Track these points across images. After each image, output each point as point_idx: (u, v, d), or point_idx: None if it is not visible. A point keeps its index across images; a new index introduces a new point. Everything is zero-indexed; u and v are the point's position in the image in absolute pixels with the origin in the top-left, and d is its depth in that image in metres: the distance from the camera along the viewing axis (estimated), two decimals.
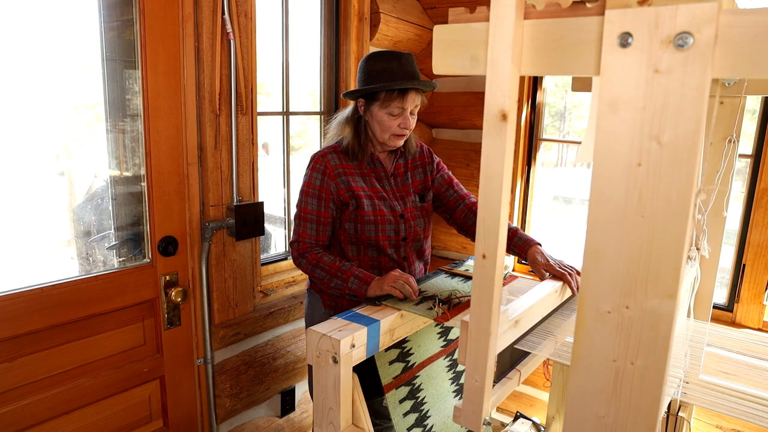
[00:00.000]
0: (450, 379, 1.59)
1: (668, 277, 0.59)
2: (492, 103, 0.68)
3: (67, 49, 1.66)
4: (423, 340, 1.51)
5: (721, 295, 2.21)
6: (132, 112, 1.75)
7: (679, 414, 1.63)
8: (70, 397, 1.64)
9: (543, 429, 1.93)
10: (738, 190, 2.21)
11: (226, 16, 1.80)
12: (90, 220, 1.82)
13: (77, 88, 1.72)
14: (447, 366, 1.59)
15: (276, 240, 2.66)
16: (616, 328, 0.64)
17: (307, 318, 1.78)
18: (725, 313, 2.17)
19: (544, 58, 0.65)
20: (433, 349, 1.54)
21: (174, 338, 1.89)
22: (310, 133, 3.51)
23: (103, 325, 1.70)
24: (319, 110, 2.48)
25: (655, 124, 0.57)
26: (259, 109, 2.10)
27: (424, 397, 1.49)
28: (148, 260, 1.79)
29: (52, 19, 1.60)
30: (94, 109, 1.75)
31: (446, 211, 1.74)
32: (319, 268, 1.51)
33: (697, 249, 1.53)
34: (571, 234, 5.37)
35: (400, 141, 1.60)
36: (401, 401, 1.42)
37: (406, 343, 1.46)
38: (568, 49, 0.63)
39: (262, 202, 2.04)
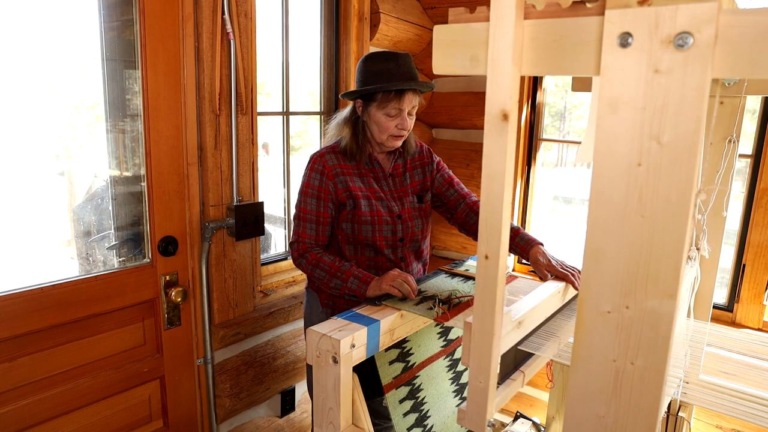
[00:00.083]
0: (450, 379, 1.59)
1: (668, 277, 0.59)
2: (493, 103, 0.68)
3: (67, 49, 1.66)
4: (423, 340, 1.51)
5: (721, 295, 2.21)
6: (132, 112, 1.75)
7: (679, 414, 1.63)
8: (70, 397, 1.64)
9: (543, 429, 1.93)
10: (738, 190, 2.21)
11: (226, 16, 1.80)
12: (90, 220, 1.82)
13: (77, 88, 1.72)
14: (447, 366, 1.59)
15: (276, 240, 2.66)
16: (616, 328, 0.64)
17: (306, 317, 1.79)
18: (725, 313, 2.17)
19: (544, 58, 0.65)
20: (433, 349, 1.54)
21: (174, 338, 1.89)
22: (310, 133, 3.51)
23: (103, 325, 1.70)
24: (319, 110, 2.48)
25: (655, 124, 0.57)
26: (259, 109, 2.10)
27: (424, 397, 1.49)
28: (148, 260, 1.79)
29: (52, 19, 1.60)
30: (94, 109, 1.75)
31: (447, 211, 1.74)
32: (319, 268, 1.51)
33: (697, 249, 1.53)
34: (571, 234, 5.37)
35: (398, 142, 1.60)
36: (401, 401, 1.42)
37: (406, 343, 1.46)
38: (568, 49, 0.63)
39: (262, 202, 2.04)
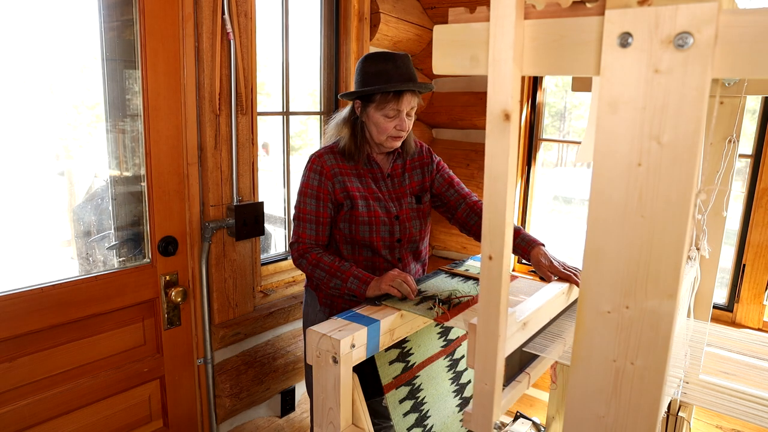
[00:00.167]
0: (450, 379, 1.59)
1: (668, 277, 0.59)
2: (494, 103, 0.68)
3: (67, 49, 1.66)
4: (423, 340, 1.51)
5: (721, 295, 2.21)
6: (132, 112, 1.75)
7: (679, 414, 1.63)
8: (70, 397, 1.64)
9: (543, 429, 1.93)
10: (738, 190, 2.21)
11: (226, 16, 1.80)
12: (90, 220, 1.82)
13: (77, 88, 1.72)
14: (447, 366, 1.59)
15: (276, 240, 2.66)
16: (616, 328, 0.64)
17: (304, 315, 1.80)
18: (725, 313, 2.17)
19: (544, 58, 0.65)
20: (433, 349, 1.54)
21: (174, 338, 1.89)
22: (310, 133, 3.51)
23: (103, 325, 1.70)
24: (319, 110, 2.48)
25: (655, 124, 0.57)
26: (259, 109, 2.10)
27: (424, 397, 1.49)
28: (148, 260, 1.79)
29: (52, 19, 1.60)
30: (94, 109, 1.75)
31: (448, 211, 1.74)
32: (319, 269, 1.51)
33: (697, 249, 1.53)
34: (571, 234, 5.37)
35: (397, 143, 1.60)
36: (401, 401, 1.42)
37: (406, 343, 1.46)
38: (568, 49, 0.63)
39: (262, 202, 2.04)
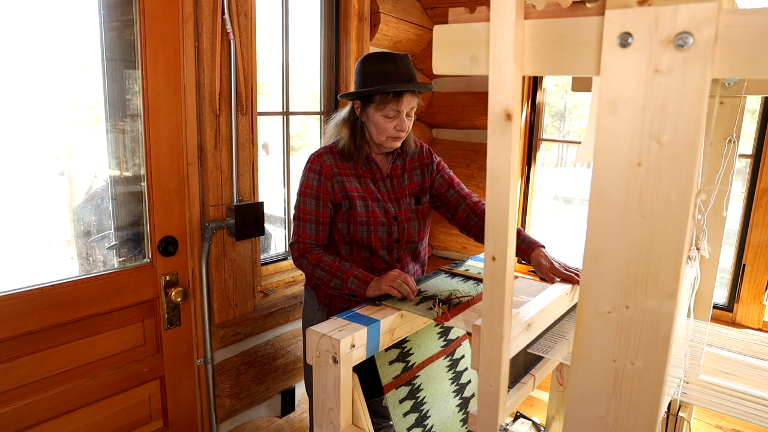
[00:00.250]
0: (450, 379, 1.59)
1: (668, 277, 0.59)
2: (496, 103, 0.68)
3: (67, 49, 1.66)
4: (423, 340, 1.51)
5: (721, 295, 2.21)
6: (132, 112, 1.75)
7: (679, 414, 1.63)
8: (70, 397, 1.64)
9: (543, 429, 1.93)
10: (738, 190, 2.21)
11: (226, 16, 1.80)
12: (90, 220, 1.82)
13: (77, 88, 1.72)
14: (447, 366, 1.59)
15: (276, 240, 2.66)
16: (616, 328, 0.64)
17: (303, 314, 1.81)
18: (725, 313, 2.17)
19: (545, 58, 0.65)
20: (433, 349, 1.54)
21: (174, 338, 1.89)
22: (310, 133, 3.51)
23: (103, 325, 1.70)
24: (319, 110, 2.48)
25: (655, 124, 0.57)
26: (259, 109, 2.11)
27: (424, 397, 1.49)
28: (148, 260, 1.79)
29: (52, 19, 1.60)
30: (94, 109, 1.75)
31: (448, 211, 1.74)
32: (320, 269, 1.51)
33: (697, 249, 1.53)
34: (571, 234, 5.37)
35: (397, 143, 1.60)
36: (401, 401, 1.42)
37: (406, 343, 1.46)
38: (568, 49, 0.63)
39: (262, 202, 2.04)
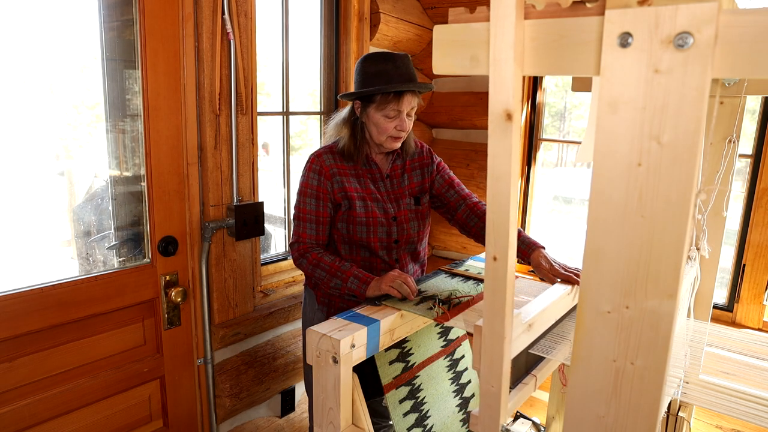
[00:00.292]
0: (450, 379, 1.59)
1: (668, 277, 0.59)
2: (496, 103, 0.68)
3: (67, 49, 1.66)
4: (423, 340, 1.51)
5: (721, 295, 2.21)
6: (132, 112, 1.75)
7: (679, 414, 1.63)
8: (70, 397, 1.64)
9: (543, 429, 1.93)
10: (738, 190, 2.21)
11: (226, 16, 1.80)
12: (90, 220, 1.82)
13: (77, 88, 1.72)
14: (447, 366, 1.59)
15: (276, 240, 2.66)
16: (616, 328, 0.64)
17: (303, 313, 1.81)
18: (725, 313, 2.17)
19: (544, 58, 0.65)
20: (433, 349, 1.54)
21: (174, 338, 1.89)
22: (310, 133, 3.51)
23: (103, 325, 1.70)
24: (319, 110, 2.48)
25: (655, 124, 0.57)
26: (259, 109, 2.10)
27: (424, 397, 1.49)
28: (148, 260, 1.79)
29: (52, 19, 1.60)
30: (94, 109, 1.75)
31: (448, 212, 1.74)
32: (320, 268, 1.51)
33: (697, 249, 1.53)
34: (571, 234, 5.37)
35: (397, 143, 1.60)
36: (401, 401, 1.42)
37: (406, 343, 1.46)
38: (568, 49, 0.63)
39: (262, 202, 2.04)
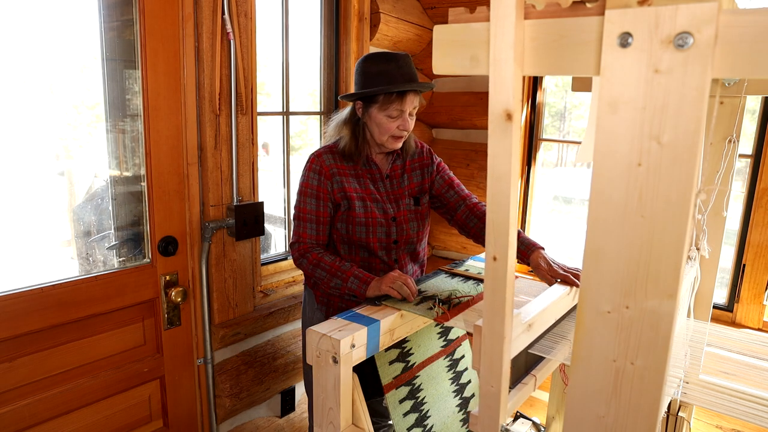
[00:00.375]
0: (450, 379, 1.59)
1: (668, 277, 0.59)
2: (496, 103, 0.68)
3: (67, 49, 1.66)
4: (423, 340, 1.51)
5: (721, 295, 2.21)
6: (132, 112, 1.75)
7: (679, 414, 1.63)
8: (70, 397, 1.64)
9: (543, 429, 1.93)
10: (738, 190, 2.21)
11: (226, 16, 1.80)
12: (90, 220, 1.82)
13: (77, 88, 1.72)
14: (447, 366, 1.59)
15: (276, 240, 2.66)
16: (616, 328, 0.64)
17: (302, 313, 1.81)
18: (725, 313, 2.17)
19: (544, 58, 0.65)
20: (433, 349, 1.54)
21: (174, 338, 1.89)
22: (310, 133, 3.51)
23: (103, 325, 1.70)
24: (319, 110, 2.48)
25: (655, 124, 0.57)
26: (259, 109, 2.10)
27: (424, 397, 1.49)
28: (148, 260, 1.79)
29: (52, 19, 1.60)
30: (94, 109, 1.75)
31: (447, 212, 1.74)
32: (320, 268, 1.51)
33: (697, 249, 1.53)
34: (571, 234, 5.37)
35: (399, 143, 1.60)
36: (401, 401, 1.42)
37: (406, 343, 1.46)
38: (568, 49, 0.63)
39: (262, 202, 2.04)
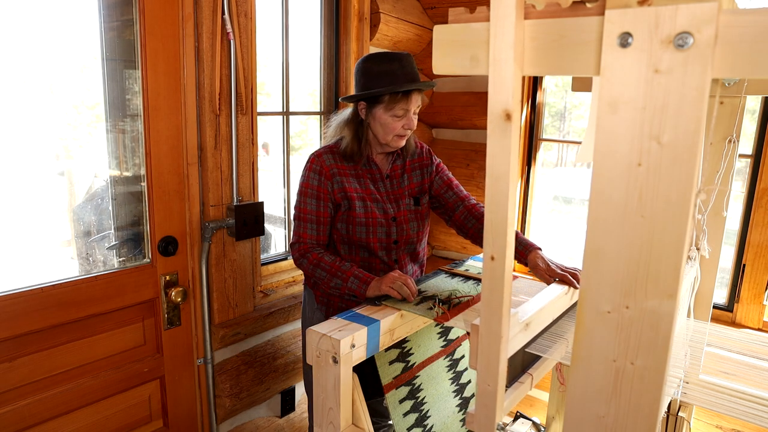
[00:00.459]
0: (450, 379, 1.59)
1: (668, 277, 0.59)
2: (495, 103, 0.68)
3: (67, 49, 1.66)
4: (423, 340, 1.51)
5: (721, 295, 2.21)
6: (132, 112, 1.75)
7: (679, 414, 1.63)
8: (70, 397, 1.64)
9: (543, 429, 1.93)
10: (738, 190, 2.21)
11: (226, 16, 1.80)
12: (90, 220, 1.82)
13: (77, 88, 1.72)
14: (447, 366, 1.59)
15: (276, 240, 2.66)
16: (616, 328, 0.64)
17: (302, 313, 1.81)
18: (725, 313, 2.17)
19: (544, 58, 0.65)
20: (433, 349, 1.54)
21: (174, 338, 1.89)
22: (310, 133, 3.51)
23: (103, 325, 1.70)
24: (319, 110, 2.48)
25: (655, 124, 0.57)
26: (259, 109, 2.10)
27: (424, 397, 1.49)
28: (148, 260, 1.79)
29: (52, 19, 1.60)
30: (94, 109, 1.75)
31: (446, 213, 1.74)
32: (320, 268, 1.51)
33: (697, 249, 1.53)
34: (571, 234, 5.37)
35: (402, 141, 1.61)
36: (401, 401, 1.42)
37: (406, 343, 1.46)
38: (568, 49, 0.63)
39: (262, 202, 2.04)
